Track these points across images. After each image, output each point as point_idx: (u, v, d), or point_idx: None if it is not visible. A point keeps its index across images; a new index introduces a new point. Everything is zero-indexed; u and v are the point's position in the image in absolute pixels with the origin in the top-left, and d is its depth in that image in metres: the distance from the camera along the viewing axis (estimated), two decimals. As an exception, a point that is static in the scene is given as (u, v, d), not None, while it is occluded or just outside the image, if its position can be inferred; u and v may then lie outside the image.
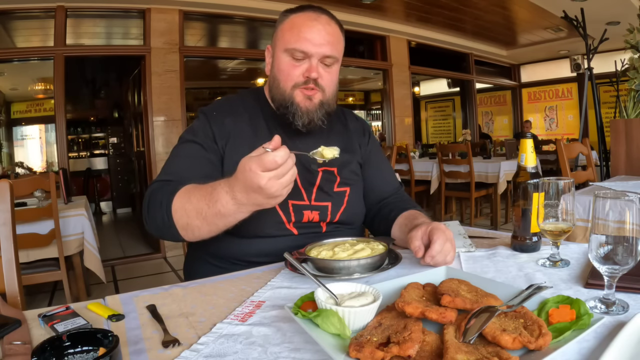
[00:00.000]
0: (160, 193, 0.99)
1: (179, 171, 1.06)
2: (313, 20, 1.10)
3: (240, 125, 1.16)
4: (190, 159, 1.10)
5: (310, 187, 1.16)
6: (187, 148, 1.12)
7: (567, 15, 5.02)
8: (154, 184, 1.05)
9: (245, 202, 0.84)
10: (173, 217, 0.94)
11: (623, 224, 0.65)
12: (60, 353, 0.56)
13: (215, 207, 0.87)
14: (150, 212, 0.99)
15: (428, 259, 0.89)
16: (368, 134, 1.35)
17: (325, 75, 1.12)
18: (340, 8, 5.29)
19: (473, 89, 8.29)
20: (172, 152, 1.15)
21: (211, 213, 0.88)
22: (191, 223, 0.92)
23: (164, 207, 0.95)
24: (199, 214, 0.90)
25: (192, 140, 1.13)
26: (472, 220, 4.83)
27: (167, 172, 1.08)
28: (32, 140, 7.26)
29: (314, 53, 1.09)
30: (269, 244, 1.10)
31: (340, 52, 1.15)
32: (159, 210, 0.96)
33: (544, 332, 0.55)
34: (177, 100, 4.56)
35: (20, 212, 2.31)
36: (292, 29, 1.10)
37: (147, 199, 1.02)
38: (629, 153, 2.83)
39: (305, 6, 1.14)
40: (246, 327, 0.68)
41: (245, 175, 0.80)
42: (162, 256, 4.50)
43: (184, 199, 0.94)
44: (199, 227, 0.92)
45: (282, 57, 1.11)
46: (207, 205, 0.88)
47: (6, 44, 4.55)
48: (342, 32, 1.17)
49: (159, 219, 0.97)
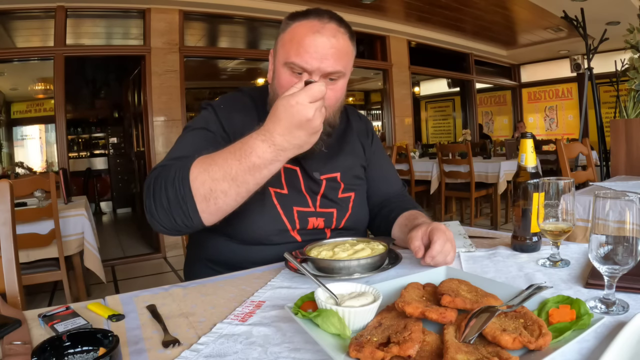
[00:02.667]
0: (172, 169, 0.88)
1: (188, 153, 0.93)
2: (315, 31, 0.98)
3: (248, 121, 1.08)
4: (201, 143, 1.00)
5: (314, 195, 1.13)
6: (198, 134, 1.04)
7: (567, 15, 5.02)
8: (158, 168, 0.94)
9: (287, 145, 0.81)
10: (191, 186, 0.83)
11: (623, 224, 0.65)
12: (60, 353, 0.56)
13: (249, 160, 0.81)
14: (157, 193, 0.87)
15: (428, 259, 0.89)
16: (372, 135, 1.32)
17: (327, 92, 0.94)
18: (340, 8, 5.29)
19: (473, 89, 8.29)
20: (178, 140, 1.06)
21: (243, 168, 0.81)
22: (216, 188, 0.83)
23: (179, 179, 0.85)
24: (226, 174, 0.82)
25: (203, 127, 1.05)
26: (472, 220, 4.83)
27: (173, 155, 0.98)
28: (32, 140, 7.26)
29: (314, 70, 0.98)
30: (271, 251, 1.06)
31: (347, 64, 1.03)
32: (171, 184, 0.85)
33: (544, 332, 0.55)
34: (177, 100, 4.56)
35: (20, 212, 2.31)
36: (292, 40, 1.00)
37: (151, 181, 0.90)
38: (629, 153, 2.83)
39: (310, 11, 1.03)
40: (246, 327, 0.68)
41: (291, 111, 0.78)
42: (162, 256, 4.50)
43: (205, 162, 0.84)
44: (226, 192, 0.83)
45: (281, 70, 1.02)
46: (239, 161, 0.81)
47: (6, 44, 4.55)
48: (351, 41, 1.05)
49: (170, 194, 0.85)
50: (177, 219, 0.87)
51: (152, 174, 0.92)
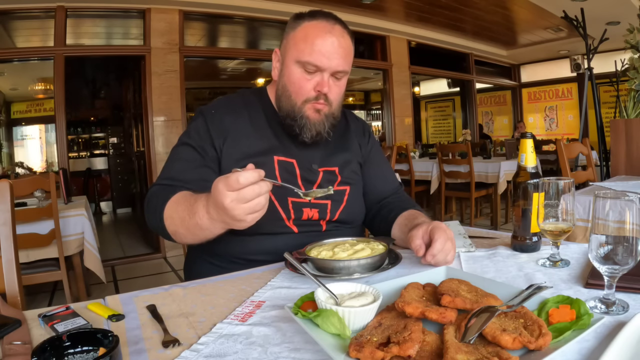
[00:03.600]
0: (156, 199, 1.04)
1: (176, 175, 1.10)
2: (327, 32, 1.07)
3: (240, 122, 1.16)
4: (185, 163, 1.12)
5: (310, 185, 1.16)
6: (183, 151, 1.14)
7: (567, 15, 5.02)
8: (154, 187, 1.10)
9: (216, 218, 0.85)
10: (165, 223, 1.00)
11: (623, 224, 0.65)
12: (60, 353, 0.56)
13: (194, 219, 0.90)
14: (149, 215, 1.06)
15: (429, 257, 0.89)
16: (368, 134, 1.36)
17: (334, 88, 1.12)
18: (341, 8, 5.29)
19: (473, 89, 8.29)
20: (170, 153, 1.17)
21: (192, 224, 0.91)
22: (178, 231, 0.98)
23: (158, 214, 1.01)
24: (182, 223, 0.94)
25: (187, 143, 1.14)
26: (472, 220, 4.83)
27: (165, 175, 1.12)
28: (32, 140, 7.26)
29: (326, 67, 1.08)
30: (269, 242, 1.10)
31: (350, 64, 1.14)
32: (153, 215, 1.03)
33: (544, 332, 0.55)
34: (177, 100, 4.56)
35: (20, 212, 2.31)
36: (306, 39, 1.08)
37: (147, 201, 1.08)
38: (629, 153, 2.83)
39: (317, 13, 1.12)
40: (246, 327, 0.68)
41: (214, 192, 0.81)
42: (162, 256, 4.50)
43: (172, 208, 0.99)
44: (184, 235, 0.97)
45: (293, 68, 1.10)
46: (189, 216, 0.92)
47: (6, 44, 4.54)
48: (353, 43, 1.15)
49: (153, 223, 1.05)
50: (164, 237, 1.05)
51: (150, 190, 1.09)
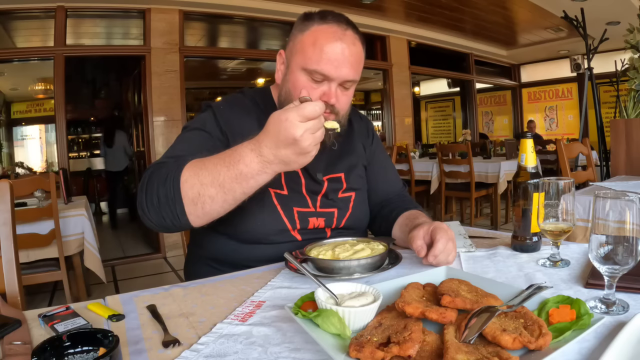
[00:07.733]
0: (166, 168, 0.89)
1: (181, 154, 0.96)
2: (338, 39, 0.99)
3: (247, 122, 1.11)
4: (197, 143, 1.02)
5: (315, 195, 1.13)
6: (195, 135, 1.05)
7: (567, 15, 5.01)
8: (154, 165, 0.94)
9: (273, 159, 0.79)
10: (181, 188, 0.84)
11: (623, 224, 0.65)
12: (60, 353, 0.56)
13: (236, 168, 0.80)
14: (149, 190, 0.88)
15: (431, 258, 0.89)
16: (372, 135, 1.33)
17: (342, 98, 1.04)
18: (341, 8, 5.27)
19: (473, 89, 8.30)
20: (176, 139, 1.07)
21: (230, 176, 0.81)
22: (204, 193, 0.83)
23: (170, 179, 0.85)
24: (214, 180, 0.82)
25: (200, 128, 1.06)
26: (472, 220, 4.83)
27: (169, 154, 0.99)
28: (32, 140, 7.26)
29: (335, 77, 1.00)
30: (271, 250, 1.07)
31: (360, 72, 1.06)
32: (162, 184, 0.86)
33: (544, 332, 0.55)
34: (177, 100, 4.56)
35: (20, 212, 2.31)
36: (315, 46, 0.99)
37: (146, 178, 0.91)
38: (629, 153, 2.83)
39: (327, 14, 1.03)
40: (246, 327, 0.68)
41: (279, 127, 0.76)
42: (162, 256, 4.50)
43: (196, 166, 0.85)
44: (213, 197, 0.83)
45: (299, 74, 1.02)
46: (227, 167, 0.81)
47: (6, 44, 4.54)
48: (364, 48, 1.07)
49: (161, 194, 0.86)
50: (166, 218, 0.88)
51: (147, 171, 0.93)
